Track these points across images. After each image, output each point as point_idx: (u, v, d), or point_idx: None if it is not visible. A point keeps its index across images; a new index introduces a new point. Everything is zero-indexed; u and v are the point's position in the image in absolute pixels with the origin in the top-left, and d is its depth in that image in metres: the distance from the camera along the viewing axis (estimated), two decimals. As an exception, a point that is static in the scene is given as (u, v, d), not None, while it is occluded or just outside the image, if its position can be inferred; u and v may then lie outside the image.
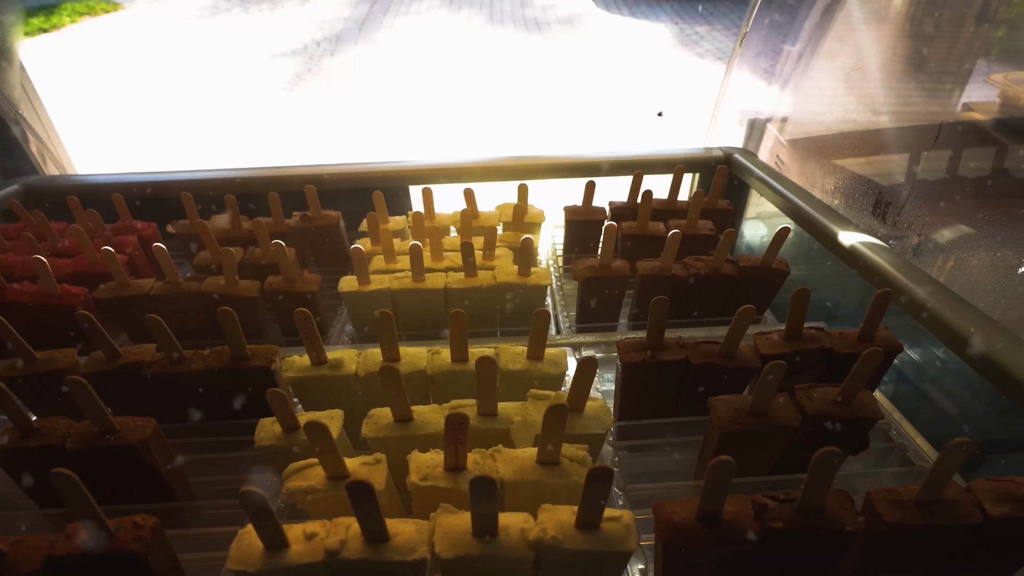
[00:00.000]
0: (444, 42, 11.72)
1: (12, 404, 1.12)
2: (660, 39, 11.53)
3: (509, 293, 1.78)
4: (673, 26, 12.19)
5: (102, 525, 0.92)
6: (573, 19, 12.81)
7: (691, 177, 2.66)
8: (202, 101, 9.26)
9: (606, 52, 11.12)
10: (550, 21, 12.74)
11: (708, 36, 11.67)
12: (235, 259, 1.75)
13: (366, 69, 10.54)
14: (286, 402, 1.10)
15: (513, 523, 0.94)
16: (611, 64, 10.38)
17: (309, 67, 10.66)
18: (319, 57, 11.06)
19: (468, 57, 10.87)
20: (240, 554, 0.92)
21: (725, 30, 11.90)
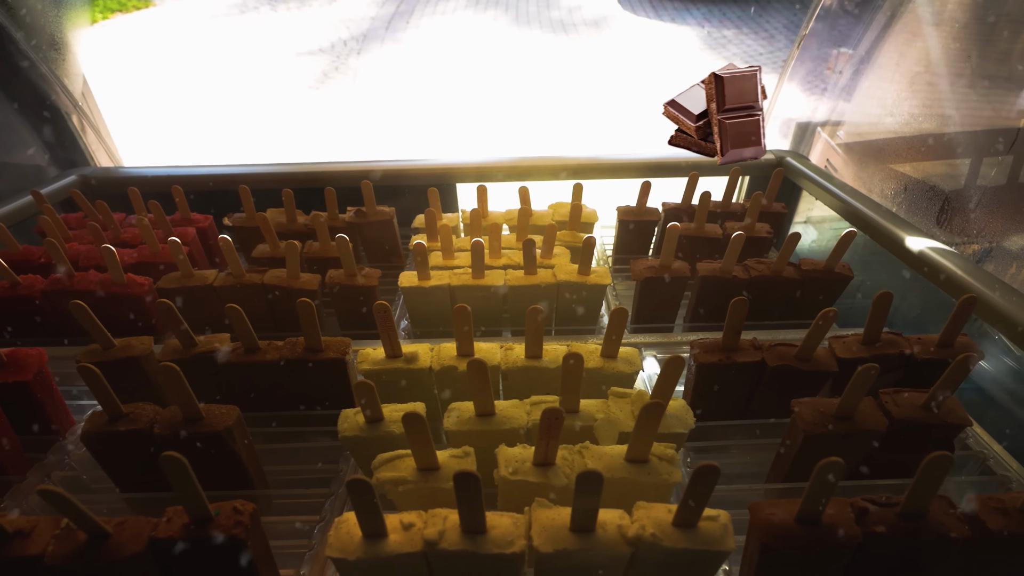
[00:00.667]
0: (470, 42, 11.75)
1: (104, 389, 1.14)
2: (687, 42, 11.46)
3: (568, 292, 1.78)
4: (700, 29, 12.11)
5: (205, 509, 0.93)
6: (599, 21, 12.77)
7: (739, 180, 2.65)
8: (231, 98, 9.36)
9: (632, 55, 11.08)
10: (576, 23, 12.71)
11: (736, 40, 11.58)
12: (298, 252, 1.77)
13: (392, 68, 10.59)
14: (374, 393, 1.11)
15: (610, 519, 0.94)
16: (637, 67, 10.34)
17: (336, 65, 10.73)
18: (346, 56, 11.14)
19: (494, 58, 10.89)
20: (339, 542, 0.93)
21: (753, 34, 11.80)
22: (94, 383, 1.13)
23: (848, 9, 2.19)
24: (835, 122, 2.53)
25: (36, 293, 1.78)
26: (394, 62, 10.74)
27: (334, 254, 1.98)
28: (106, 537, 0.93)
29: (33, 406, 1.40)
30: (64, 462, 1.40)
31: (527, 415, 1.17)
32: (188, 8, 13.91)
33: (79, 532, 0.94)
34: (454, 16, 13.19)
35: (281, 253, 1.98)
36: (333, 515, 1.22)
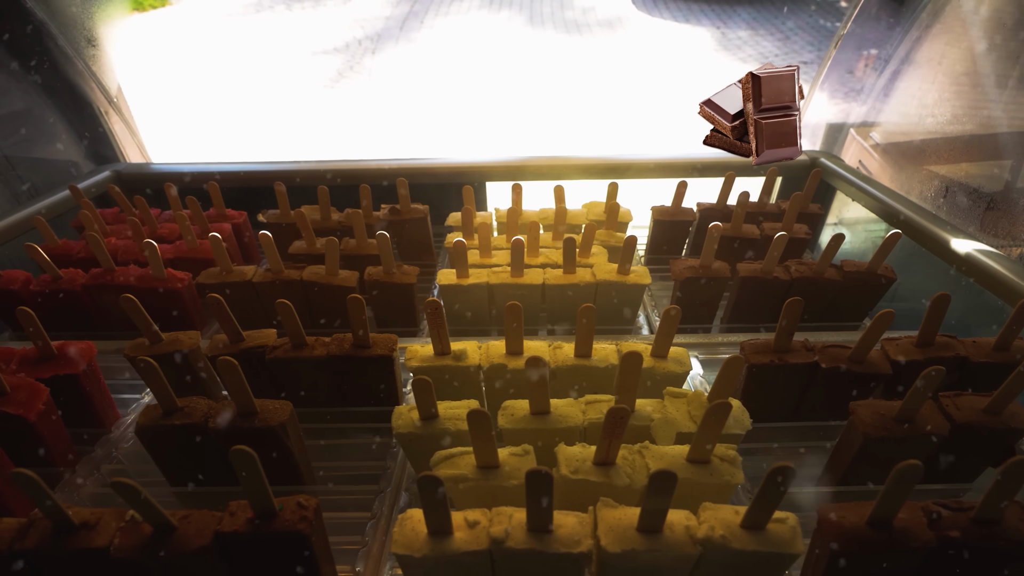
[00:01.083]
0: (484, 43, 11.74)
1: (161, 383, 1.14)
2: (701, 43, 11.41)
3: (607, 291, 1.77)
4: (715, 30, 12.05)
5: (270, 504, 0.93)
6: (613, 22, 12.73)
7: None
8: (247, 97, 9.40)
9: (647, 56, 11.04)
10: (590, 23, 12.68)
11: (751, 41, 11.51)
12: (338, 249, 1.77)
13: (407, 68, 10.61)
14: (431, 391, 1.10)
15: (676, 520, 0.93)
16: (651, 68, 10.30)
17: (351, 65, 10.76)
18: (360, 55, 11.16)
19: (508, 58, 10.88)
20: (404, 539, 0.92)
21: (768, 35, 11.73)
22: (151, 377, 1.13)
23: (888, 10, 2.17)
24: (869, 123, 2.51)
25: (77, 287, 1.79)
26: (408, 62, 10.76)
27: (370, 251, 1.98)
28: (172, 531, 0.93)
29: (82, 399, 1.41)
30: (112, 455, 1.40)
31: (582, 414, 1.16)
32: (204, 7, 13.99)
33: (144, 525, 0.95)
34: (468, 16, 13.19)
35: (318, 250, 1.99)
36: (384, 512, 1.21)
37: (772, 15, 12.62)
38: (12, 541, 0.94)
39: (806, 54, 10.57)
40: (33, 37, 2.24)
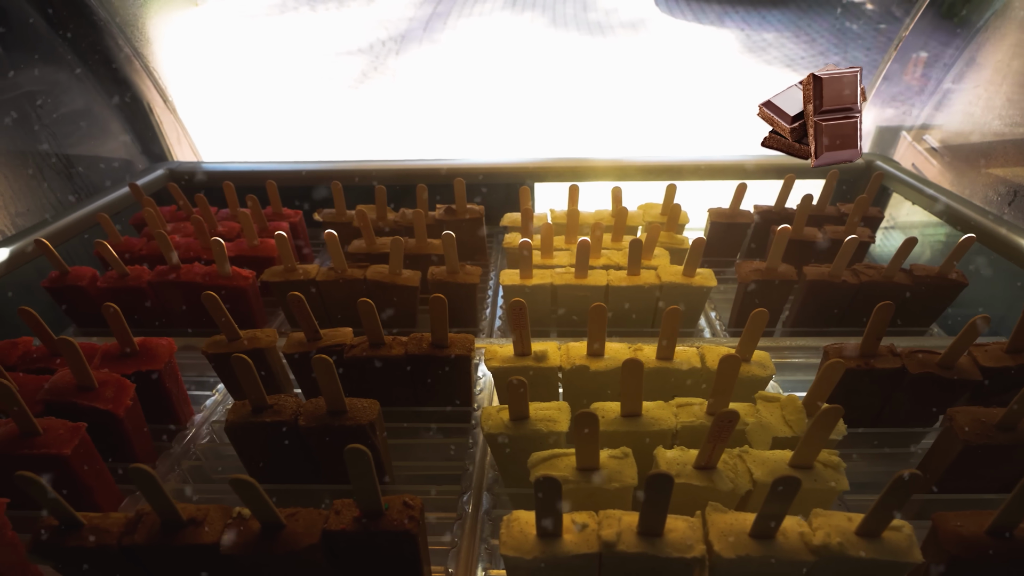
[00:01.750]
0: (507, 44, 11.74)
1: (254, 380, 1.15)
2: (726, 45, 11.32)
3: (671, 293, 1.76)
4: (739, 32, 11.94)
5: (377, 503, 0.93)
6: (636, 24, 12.67)
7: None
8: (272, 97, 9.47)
9: (670, 57, 10.98)
10: (613, 25, 12.63)
11: (776, 43, 11.40)
12: (403, 249, 1.77)
13: (431, 69, 10.63)
14: (525, 392, 1.10)
15: (789, 526, 0.91)
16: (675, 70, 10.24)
17: (375, 66, 10.79)
18: (384, 56, 11.20)
19: (531, 59, 10.87)
20: (513, 540, 0.92)
21: (794, 37, 11.60)
22: (245, 373, 1.14)
23: (950, 14, 2.14)
24: (925, 126, 2.47)
25: (143, 284, 1.81)
26: (432, 63, 10.78)
27: (429, 251, 1.98)
28: (280, 528, 0.93)
29: (161, 395, 1.42)
30: (190, 451, 1.41)
31: (674, 417, 1.15)
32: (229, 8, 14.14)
33: (252, 522, 0.95)
34: (491, 18, 13.19)
35: (377, 249, 1.99)
36: (469, 513, 1.21)
37: (797, 17, 12.50)
38: (121, 536, 0.95)
39: (833, 56, 10.45)
40: (94, 35, 2.27)
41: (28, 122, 2.10)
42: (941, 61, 2.26)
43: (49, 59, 2.20)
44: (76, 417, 1.20)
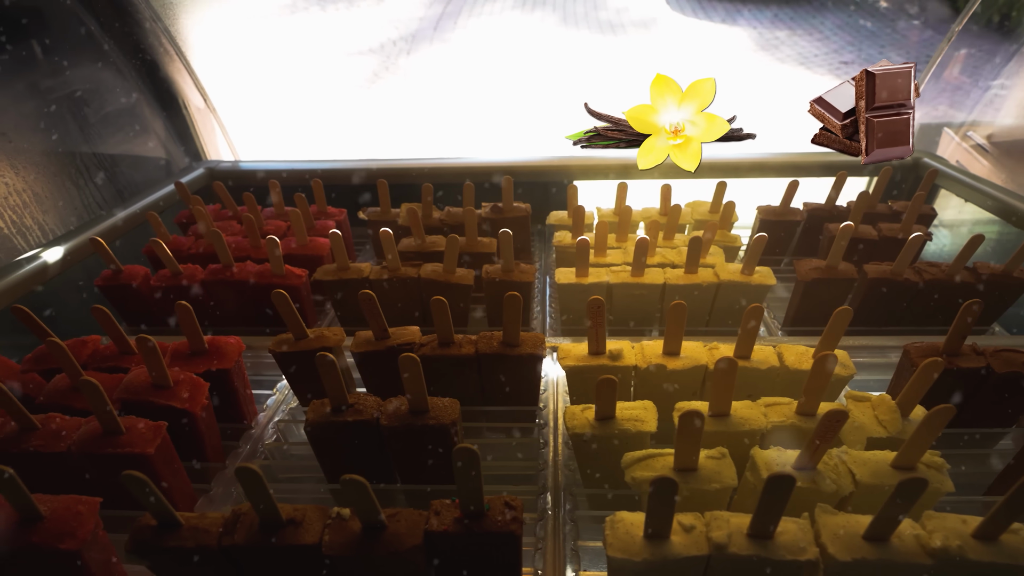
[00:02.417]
0: (518, 43, 11.70)
1: (337, 380, 1.14)
2: (738, 43, 11.26)
3: (731, 292, 1.74)
4: (751, 30, 11.88)
5: (480, 504, 0.92)
6: (648, 22, 12.61)
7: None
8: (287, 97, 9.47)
9: (682, 56, 10.93)
10: (624, 23, 12.59)
11: (788, 41, 11.33)
12: (458, 247, 1.76)
13: (442, 68, 10.61)
14: (613, 391, 1.08)
15: (902, 529, 0.89)
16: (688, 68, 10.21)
17: (387, 65, 10.78)
18: (395, 56, 11.18)
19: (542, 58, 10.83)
20: (620, 542, 0.90)
21: (806, 35, 11.53)
22: (328, 372, 1.13)
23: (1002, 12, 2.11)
24: (974, 123, 2.45)
25: (196, 283, 1.80)
26: (443, 62, 10.76)
27: (480, 249, 1.97)
28: (383, 529, 0.92)
29: (229, 394, 1.41)
30: (259, 451, 1.40)
31: (764, 416, 1.13)
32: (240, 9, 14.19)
33: (352, 522, 0.94)
34: (501, 17, 13.16)
35: (427, 247, 1.98)
36: (549, 513, 1.19)
37: (810, 15, 12.42)
38: (220, 536, 0.94)
39: (847, 54, 10.38)
40: (139, 35, 2.27)
41: (73, 122, 2.10)
42: (993, 58, 2.23)
43: (93, 59, 2.20)
44: (151, 416, 1.19)
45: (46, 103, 1.99)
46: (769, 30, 12.26)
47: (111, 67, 2.25)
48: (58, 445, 1.12)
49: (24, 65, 1.93)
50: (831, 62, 9.63)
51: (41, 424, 1.14)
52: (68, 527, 0.94)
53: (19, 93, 1.92)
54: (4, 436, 1.12)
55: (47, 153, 1.97)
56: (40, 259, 1.76)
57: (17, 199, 1.84)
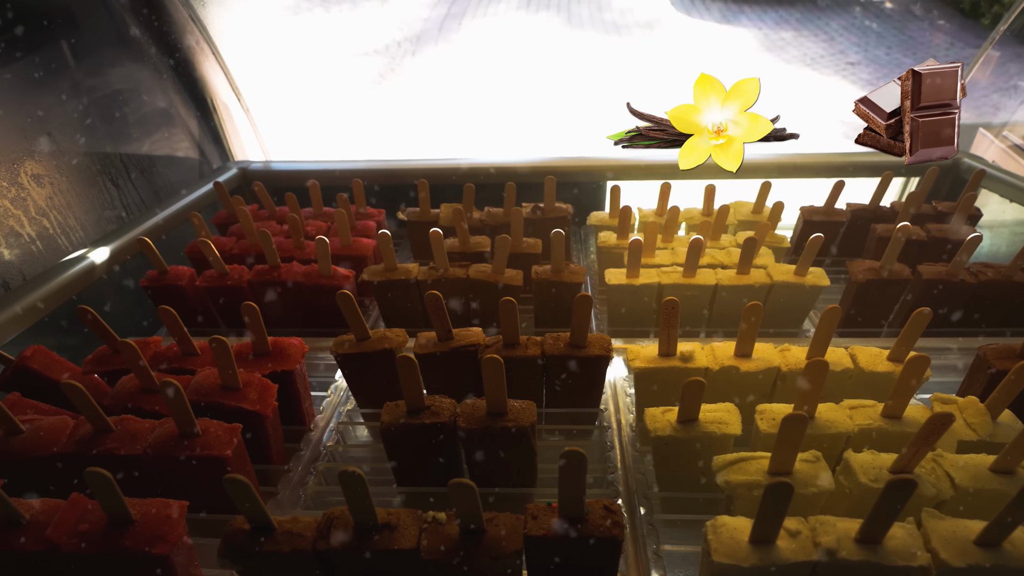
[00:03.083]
0: (522, 44, 11.69)
1: (416, 382, 1.12)
2: (744, 44, 11.26)
3: (784, 293, 1.73)
4: (756, 31, 11.88)
5: (581, 508, 0.90)
6: (653, 23, 12.61)
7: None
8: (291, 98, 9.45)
9: (688, 57, 10.92)
10: (629, 25, 12.58)
11: (794, 42, 11.33)
12: (508, 247, 1.74)
13: (447, 70, 10.59)
14: (700, 394, 1.07)
15: (1016, 535, 0.88)
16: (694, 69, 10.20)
17: (392, 67, 10.76)
18: (400, 57, 11.17)
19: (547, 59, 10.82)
20: (725, 547, 0.89)
21: (812, 36, 11.54)
22: (408, 374, 1.11)
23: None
24: (1009, 124, 2.44)
25: (243, 283, 1.78)
26: (448, 64, 10.74)
27: (525, 250, 1.95)
28: (481, 534, 0.91)
29: (291, 396, 1.39)
30: (321, 454, 1.39)
31: (850, 419, 1.12)
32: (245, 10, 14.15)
33: (448, 527, 0.92)
34: (505, 18, 13.15)
35: (471, 248, 1.96)
36: (625, 517, 1.18)
37: (815, 16, 12.43)
38: (315, 540, 0.92)
39: (853, 55, 10.38)
40: (176, 32, 2.26)
41: (113, 122, 2.08)
42: (991, 61, 2.22)
43: (132, 58, 2.18)
44: (220, 418, 1.17)
45: (88, 102, 1.98)
46: (774, 31, 12.26)
47: (149, 66, 2.24)
48: (134, 447, 1.10)
49: (67, 64, 1.91)
50: (837, 63, 9.64)
51: (116, 426, 1.12)
52: (159, 531, 0.92)
53: (63, 92, 1.90)
54: (79, 438, 1.11)
55: (89, 153, 1.95)
56: (87, 259, 1.74)
57: (62, 199, 1.83)
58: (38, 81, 1.83)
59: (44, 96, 1.84)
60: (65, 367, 1.38)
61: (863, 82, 8.28)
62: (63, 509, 0.94)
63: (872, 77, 8.26)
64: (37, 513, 0.95)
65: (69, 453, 1.10)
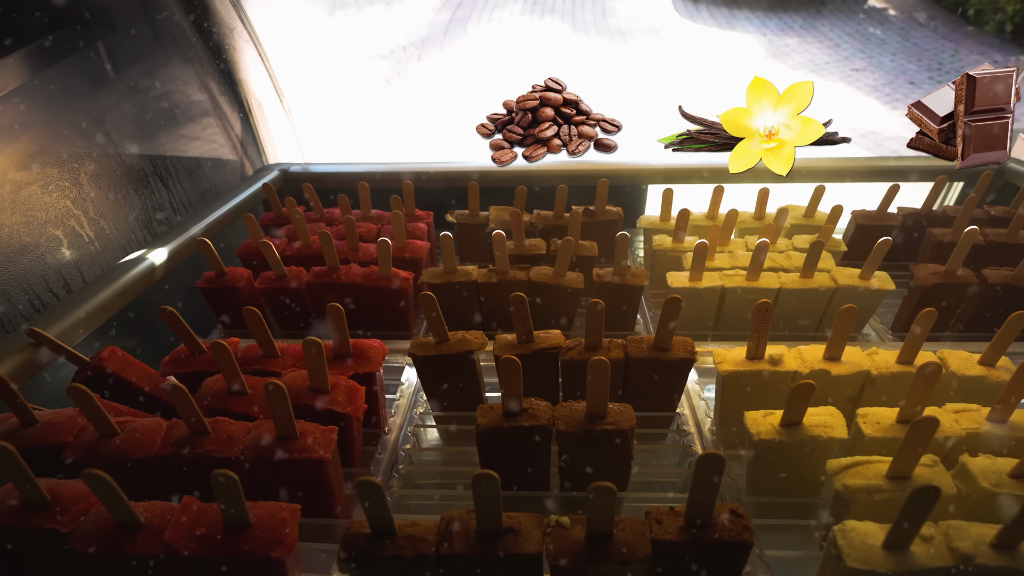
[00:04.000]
0: (527, 49, 11.71)
1: (516, 385, 1.11)
2: (748, 50, 11.29)
3: (848, 297, 1.72)
4: (761, 37, 11.92)
5: (711, 513, 0.89)
6: (658, 29, 12.63)
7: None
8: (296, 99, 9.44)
9: (694, 62, 10.95)
10: (634, 30, 12.62)
11: (799, 48, 11.36)
12: (571, 250, 1.73)
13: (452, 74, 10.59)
14: (809, 397, 1.06)
15: None
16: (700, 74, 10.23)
17: (398, 71, 10.77)
18: (406, 61, 11.17)
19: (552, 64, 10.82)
20: (858, 552, 0.88)
21: (816, 42, 11.58)
22: (509, 376, 1.10)
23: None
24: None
25: (301, 285, 1.77)
26: (453, 67, 10.75)
27: (582, 252, 1.94)
28: (608, 538, 0.89)
29: (369, 398, 1.37)
30: (400, 457, 1.37)
31: (956, 423, 1.11)
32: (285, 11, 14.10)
33: (574, 531, 0.91)
34: (510, 23, 13.19)
35: (526, 250, 1.95)
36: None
37: (818, 23, 12.49)
38: (437, 544, 0.90)
39: (858, 61, 10.42)
40: (224, 33, 2.24)
41: (164, 122, 2.07)
42: None
43: (182, 59, 2.17)
44: (308, 420, 1.16)
45: (141, 103, 1.96)
46: (779, 37, 12.29)
47: (197, 67, 2.22)
48: (231, 450, 1.08)
49: (122, 65, 1.90)
50: (843, 69, 9.67)
51: (211, 428, 1.10)
52: (276, 535, 0.91)
53: (118, 93, 1.89)
54: (175, 440, 1.09)
55: (142, 155, 1.94)
56: (147, 261, 1.72)
57: (117, 199, 1.81)
58: (94, 81, 1.82)
59: (101, 96, 1.83)
60: (139, 368, 1.36)
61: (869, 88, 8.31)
62: (177, 512, 0.92)
63: (878, 83, 8.29)
64: (151, 516, 0.93)
65: (165, 456, 1.08)
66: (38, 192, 1.55)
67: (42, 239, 1.56)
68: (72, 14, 1.73)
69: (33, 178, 1.53)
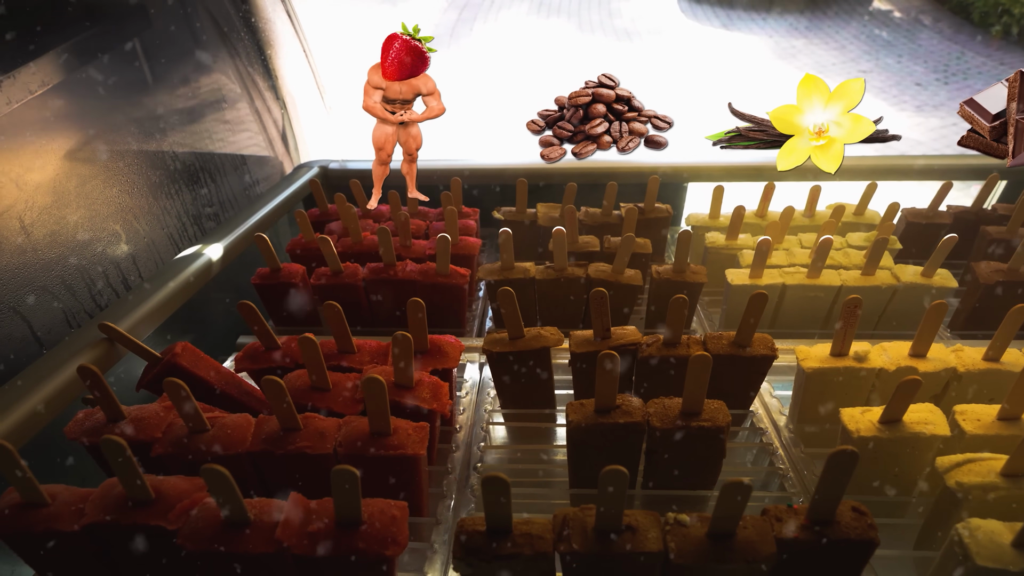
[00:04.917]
0: (533, 49, 11.70)
1: (612, 381, 1.09)
2: (755, 52, 11.31)
3: (911, 294, 1.71)
4: (768, 39, 11.94)
5: (832, 511, 0.87)
6: (664, 30, 12.65)
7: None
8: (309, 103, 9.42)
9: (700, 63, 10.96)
10: (640, 31, 12.62)
11: (805, 50, 11.38)
12: (632, 247, 1.72)
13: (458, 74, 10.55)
14: (914, 393, 1.04)
15: None
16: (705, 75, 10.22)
17: (404, 70, 10.72)
18: (413, 60, 11.13)
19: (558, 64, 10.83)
20: (986, 550, 0.86)
21: (823, 44, 11.60)
22: (606, 375, 1.08)
23: None
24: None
25: (357, 282, 1.75)
26: (460, 67, 10.74)
27: (636, 250, 1.92)
28: (731, 536, 0.88)
29: (445, 395, 1.35)
30: (477, 455, 1.35)
31: (1061, 421, 1.09)
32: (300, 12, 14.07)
33: (693, 528, 0.89)
34: (516, 23, 13.18)
35: (580, 247, 1.94)
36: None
37: (825, 24, 12.50)
38: (556, 543, 0.89)
39: (864, 63, 10.44)
40: (268, 29, 2.23)
41: (212, 120, 2.05)
42: None
43: (229, 54, 2.15)
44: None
45: (190, 98, 1.94)
46: (785, 39, 12.31)
47: (243, 61, 2.20)
48: (324, 446, 1.06)
49: (176, 60, 1.88)
50: (850, 71, 9.67)
51: (303, 424, 1.08)
52: (389, 533, 0.89)
53: (170, 87, 1.87)
54: (266, 436, 1.07)
55: (191, 151, 1.92)
56: (204, 256, 1.70)
57: (170, 195, 1.79)
58: (146, 77, 1.80)
59: (156, 91, 1.81)
60: (210, 364, 1.34)
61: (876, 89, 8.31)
62: (288, 509, 0.90)
63: (885, 85, 8.29)
64: (257, 513, 0.91)
65: (257, 452, 1.07)
66: (100, 186, 1.53)
67: (103, 233, 1.54)
68: (117, 8, 1.71)
69: (97, 172, 1.51)
